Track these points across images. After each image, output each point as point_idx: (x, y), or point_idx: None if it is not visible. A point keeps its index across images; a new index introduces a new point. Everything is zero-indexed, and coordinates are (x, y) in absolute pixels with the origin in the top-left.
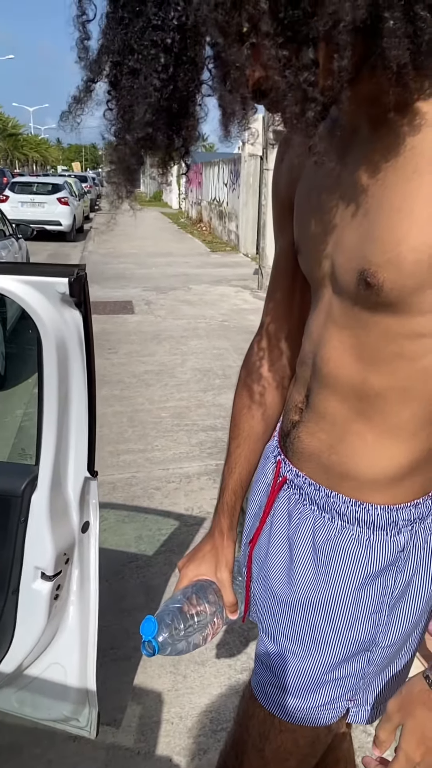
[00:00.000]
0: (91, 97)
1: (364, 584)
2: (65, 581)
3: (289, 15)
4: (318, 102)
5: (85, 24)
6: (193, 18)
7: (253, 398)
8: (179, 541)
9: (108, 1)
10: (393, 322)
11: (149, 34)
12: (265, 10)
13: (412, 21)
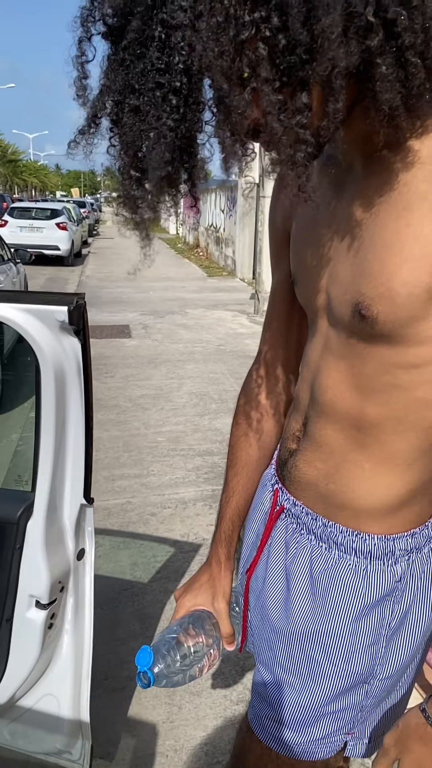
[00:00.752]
0: (96, 131)
1: (362, 615)
2: (60, 610)
3: (286, 60)
4: (309, 144)
5: (84, 64)
6: (198, 64)
7: (251, 426)
8: (175, 568)
9: (109, 43)
10: (388, 352)
11: (153, 76)
12: (264, 56)
13: (404, 67)
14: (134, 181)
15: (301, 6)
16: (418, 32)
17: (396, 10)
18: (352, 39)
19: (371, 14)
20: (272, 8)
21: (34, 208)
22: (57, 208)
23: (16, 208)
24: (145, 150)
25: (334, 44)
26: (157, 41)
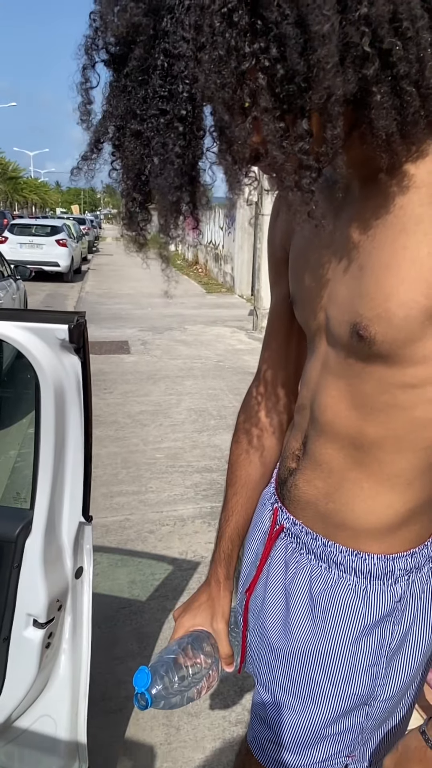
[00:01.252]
0: (99, 156)
1: (362, 636)
2: (57, 629)
3: (285, 89)
4: (312, 169)
5: (88, 90)
6: (201, 94)
7: (251, 444)
8: (173, 586)
9: (111, 70)
10: (386, 372)
11: (156, 103)
12: (263, 86)
13: (399, 95)
14: (137, 203)
15: (298, 37)
16: (412, 62)
17: (391, 40)
18: (348, 68)
19: (367, 45)
20: (271, 39)
21: (34, 224)
22: (57, 225)
23: (16, 225)
24: (151, 175)
25: (330, 74)
26: (160, 70)
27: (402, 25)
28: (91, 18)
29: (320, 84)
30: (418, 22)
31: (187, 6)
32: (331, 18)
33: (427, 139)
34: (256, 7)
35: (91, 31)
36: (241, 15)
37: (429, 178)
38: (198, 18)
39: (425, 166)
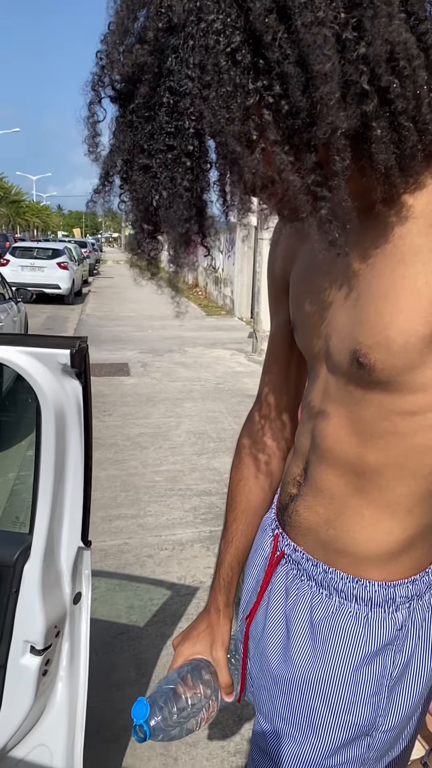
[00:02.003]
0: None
1: (363, 664)
2: (55, 655)
3: (290, 124)
4: (327, 199)
5: (95, 124)
6: (209, 130)
7: (252, 470)
8: (171, 611)
9: (117, 105)
10: (386, 399)
11: (163, 139)
12: (270, 121)
13: (397, 130)
14: (146, 233)
15: (299, 75)
16: (410, 99)
17: (389, 78)
18: (349, 104)
19: (366, 82)
20: (274, 77)
21: (35, 247)
22: (58, 248)
23: (18, 248)
24: (160, 208)
25: (333, 110)
26: (166, 106)
27: (399, 64)
28: (97, 56)
29: (324, 119)
30: (415, 61)
31: (191, 46)
32: (331, 57)
33: (424, 172)
34: (258, 47)
35: (98, 69)
36: (244, 54)
37: (426, 210)
38: (202, 57)
39: (423, 198)
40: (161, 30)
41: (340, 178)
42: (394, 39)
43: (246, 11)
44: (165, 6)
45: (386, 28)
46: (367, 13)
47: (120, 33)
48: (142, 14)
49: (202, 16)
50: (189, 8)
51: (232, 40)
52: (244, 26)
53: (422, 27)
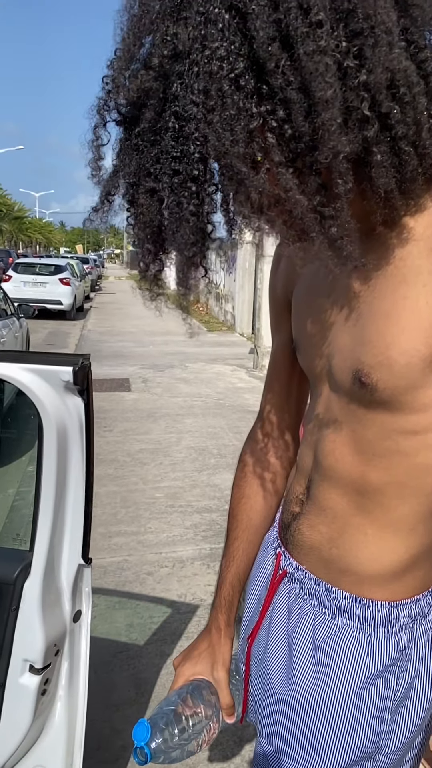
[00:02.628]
0: (110, 208)
1: (366, 685)
2: (54, 674)
3: (294, 147)
4: (335, 217)
5: (99, 147)
6: (214, 153)
7: (253, 488)
8: (171, 630)
9: (122, 128)
10: (388, 419)
11: (169, 164)
12: (274, 144)
13: (398, 154)
14: (151, 254)
15: (302, 101)
16: (410, 124)
17: (389, 105)
18: (351, 130)
19: (367, 108)
20: (277, 103)
21: (38, 263)
22: (60, 264)
23: (20, 264)
24: (168, 233)
25: (334, 135)
26: (171, 131)
27: (400, 91)
28: (103, 81)
29: (326, 144)
30: (415, 88)
31: (196, 72)
32: (333, 85)
33: (424, 194)
34: (261, 73)
35: (104, 93)
36: (248, 80)
37: (426, 232)
38: (207, 83)
39: (423, 220)
40: (167, 57)
41: (343, 201)
42: (394, 67)
43: (249, 39)
44: (171, 34)
45: (387, 56)
46: (368, 41)
47: (126, 59)
48: (147, 41)
49: (206, 44)
50: (194, 36)
51: (235, 67)
52: (247, 53)
53: (422, 55)
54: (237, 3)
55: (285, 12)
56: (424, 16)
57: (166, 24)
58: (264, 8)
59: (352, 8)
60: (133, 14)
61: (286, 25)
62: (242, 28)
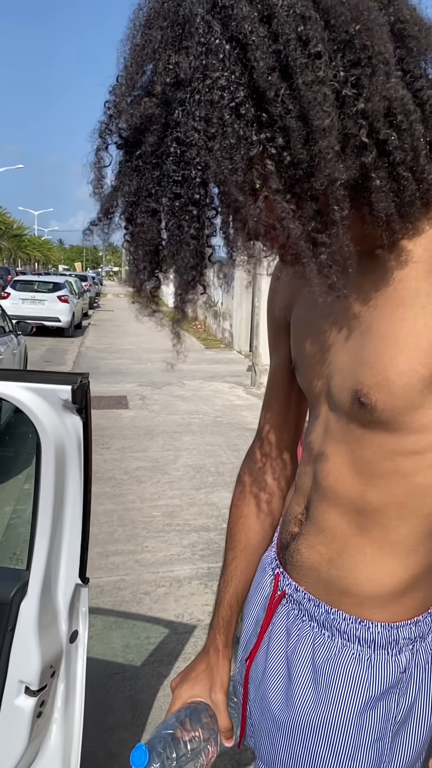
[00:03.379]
0: (109, 224)
1: (367, 708)
2: (50, 697)
3: (292, 174)
4: (326, 245)
5: (101, 169)
6: (214, 179)
7: (251, 507)
8: (168, 650)
9: (123, 151)
10: (387, 439)
11: (171, 187)
12: (272, 171)
13: (396, 180)
14: (147, 272)
15: (301, 129)
16: (407, 150)
17: (387, 132)
18: (349, 156)
19: (365, 136)
20: (276, 130)
21: (36, 281)
22: (59, 282)
23: (18, 281)
24: (168, 255)
25: (331, 162)
26: (173, 156)
27: (397, 118)
28: (105, 106)
29: (322, 171)
30: (412, 116)
31: (197, 100)
32: (330, 114)
33: (422, 218)
34: (260, 101)
35: (106, 118)
36: (248, 108)
37: (424, 255)
38: (208, 111)
39: (421, 243)
40: (169, 84)
41: (339, 227)
42: (391, 95)
43: (249, 69)
44: (173, 63)
45: (384, 85)
46: (365, 71)
47: (128, 85)
48: (149, 68)
49: (207, 73)
50: (195, 66)
51: (236, 96)
52: (247, 82)
53: (417, 84)
54: (237, 34)
55: (284, 43)
56: (419, 47)
57: (168, 53)
58: (264, 39)
59: (349, 39)
60: (136, 43)
61: (285, 55)
62: (242, 58)
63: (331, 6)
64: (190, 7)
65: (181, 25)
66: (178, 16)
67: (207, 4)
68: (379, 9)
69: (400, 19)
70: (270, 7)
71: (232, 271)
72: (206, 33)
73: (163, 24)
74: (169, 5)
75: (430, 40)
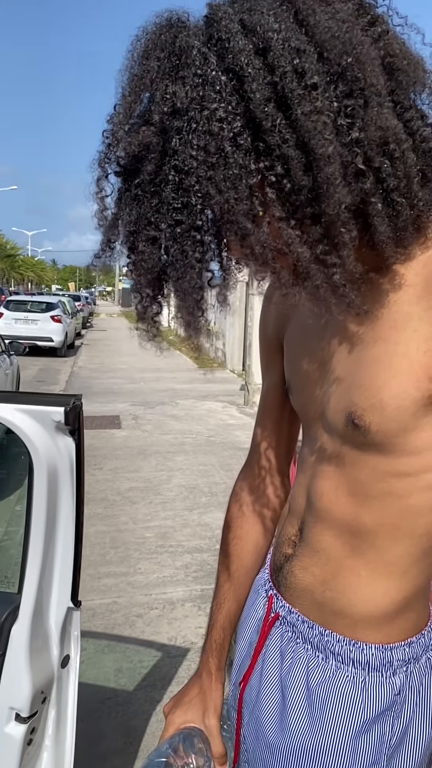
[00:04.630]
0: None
1: (362, 731)
2: (40, 723)
3: (294, 201)
4: (338, 265)
5: (104, 199)
6: (218, 209)
7: (243, 528)
8: (161, 674)
9: (121, 179)
10: (381, 461)
11: (171, 214)
12: (273, 199)
13: (391, 205)
14: (150, 298)
15: (300, 157)
16: (401, 177)
17: (381, 159)
18: (349, 182)
19: (360, 163)
20: (274, 159)
21: (29, 301)
22: (52, 301)
23: (12, 301)
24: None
25: (339, 187)
26: (172, 183)
27: (390, 147)
28: (103, 135)
29: (332, 197)
30: (404, 144)
31: (195, 129)
32: (333, 141)
33: (414, 243)
34: (258, 131)
35: (104, 147)
36: (246, 138)
37: (416, 279)
38: (206, 141)
39: (413, 268)
40: (166, 113)
41: (349, 248)
42: (384, 125)
43: (246, 100)
44: (170, 92)
45: (377, 115)
46: (358, 102)
47: (126, 114)
48: (146, 97)
49: (205, 104)
50: (192, 96)
51: (233, 126)
52: (244, 113)
53: (408, 114)
54: (233, 66)
55: (281, 76)
56: (408, 79)
57: (165, 83)
58: (260, 71)
59: (342, 71)
60: (134, 73)
61: (282, 87)
62: (239, 89)
63: (324, 40)
64: (186, 39)
65: (177, 56)
66: (174, 47)
67: (203, 37)
68: (371, 43)
69: (390, 53)
70: (265, 41)
71: (231, 293)
72: (203, 64)
73: (160, 55)
74: (167, 37)
75: (419, 73)
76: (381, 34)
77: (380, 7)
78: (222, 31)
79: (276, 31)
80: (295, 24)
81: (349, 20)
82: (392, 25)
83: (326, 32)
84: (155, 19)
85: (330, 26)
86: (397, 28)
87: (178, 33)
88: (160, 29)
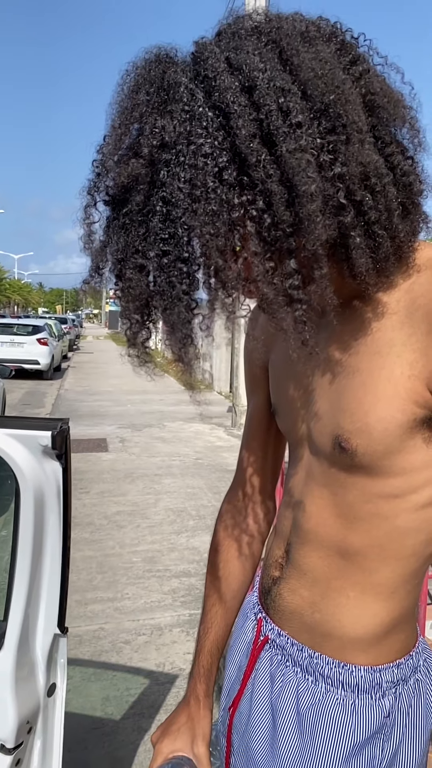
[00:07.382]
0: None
1: (352, 755)
2: (26, 755)
3: (272, 235)
4: (303, 302)
5: (91, 225)
6: (199, 240)
7: (230, 552)
8: (149, 702)
9: (110, 208)
10: (368, 483)
11: (158, 245)
12: (252, 233)
13: (373, 237)
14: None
15: (282, 193)
16: (382, 210)
17: (362, 193)
18: (329, 216)
19: (342, 197)
20: (257, 193)
21: (16, 324)
22: (39, 324)
23: None
24: (159, 310)
25: (319, 225)
26: (159, 214)
27: (371, 181)
28: (93, 165)
29: (311, 233)
30: (385, 179)
31: (182, 163)
32: (315, 179)
33: (395, 272)
34: (242, 166)
35: (94, 176)
36: (230, 173)
37: (398, 307)
38: (192, 175)
39: (394, 296)
40: (155, 146)
41: (318, 284)
42: (365, 160)
43: (232, 135)
44: (159, 126)
45: (359, 151)
46: (340, 138)
47: (115, 145)
48: (135, 129)
49: (191, 139)
50: (179, 131)
51: (219, 161)
52: (229, 148)
53: (388, 149)
54: (219, 103)
55: (267, 114)
56: (389, 116)
57: (154, 117)
58: (245, 109)
59: (324, 109)
60: (124, 106)
61: (267, 124)
62: (225, 125)
63: (308, 79)
64: (174, 75)
65: (166, 90)
66: (163, 82)
67: (190, 73)
68: (353, 82)
69: (371, 91)
70: (251, 80)
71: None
72: (190, 100)
73: (149, 89)
74: (156, 72)
75: (398, 110)
76: (362, 73)
77: (361, 47)
78: (208, 69)
79: (261, 70)
80: (280, 64)
81: (332, 60)
82: (373, 64)
83: (309, 72)
84: (144, 54)
85: (313, 66)
86: (377, 67)
87: (167, 69)
88: (149, 64)
